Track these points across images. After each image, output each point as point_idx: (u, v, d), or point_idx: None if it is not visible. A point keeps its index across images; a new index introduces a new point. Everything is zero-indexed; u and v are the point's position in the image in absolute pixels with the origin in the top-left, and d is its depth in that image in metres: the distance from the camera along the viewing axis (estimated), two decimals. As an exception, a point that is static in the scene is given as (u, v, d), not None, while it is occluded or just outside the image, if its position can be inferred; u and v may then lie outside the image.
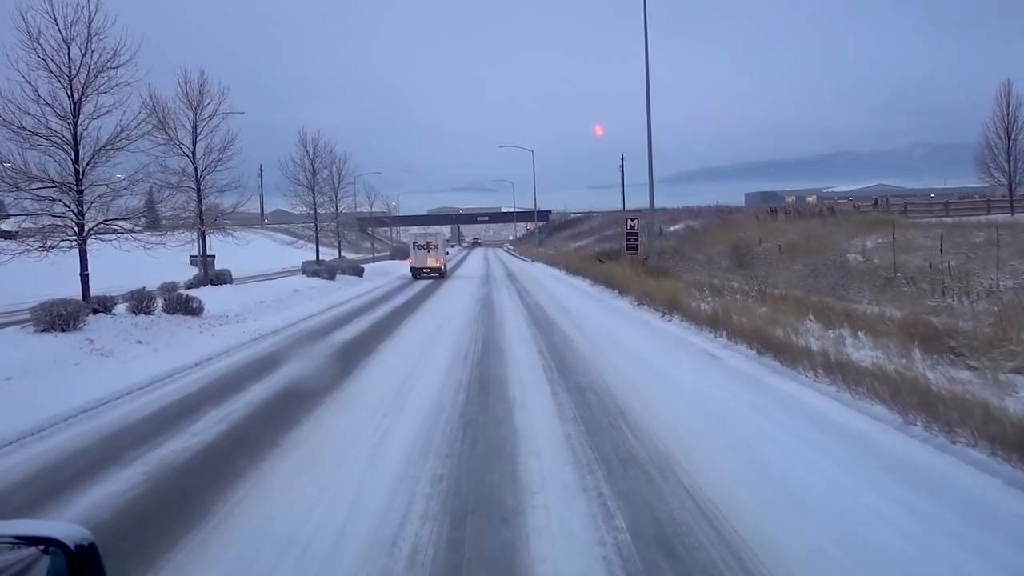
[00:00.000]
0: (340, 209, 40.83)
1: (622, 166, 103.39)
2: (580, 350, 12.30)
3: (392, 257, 67.03)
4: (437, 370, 10.60)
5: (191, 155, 21.71)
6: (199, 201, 21.79)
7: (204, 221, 21.84)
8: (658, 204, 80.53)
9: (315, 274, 29.07)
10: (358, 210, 41.80)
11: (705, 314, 14.24)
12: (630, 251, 26.17)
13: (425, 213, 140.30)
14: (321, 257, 39.66)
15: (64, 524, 1.57)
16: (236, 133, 22.15)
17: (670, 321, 15.74)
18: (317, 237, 31.00)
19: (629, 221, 26.10)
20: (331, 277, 29.02)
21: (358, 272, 32.88)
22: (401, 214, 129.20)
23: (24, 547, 1.46)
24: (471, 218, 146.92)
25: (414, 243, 37.34)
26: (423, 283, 30.86)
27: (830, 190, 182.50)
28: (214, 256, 60.02)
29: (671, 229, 48.24)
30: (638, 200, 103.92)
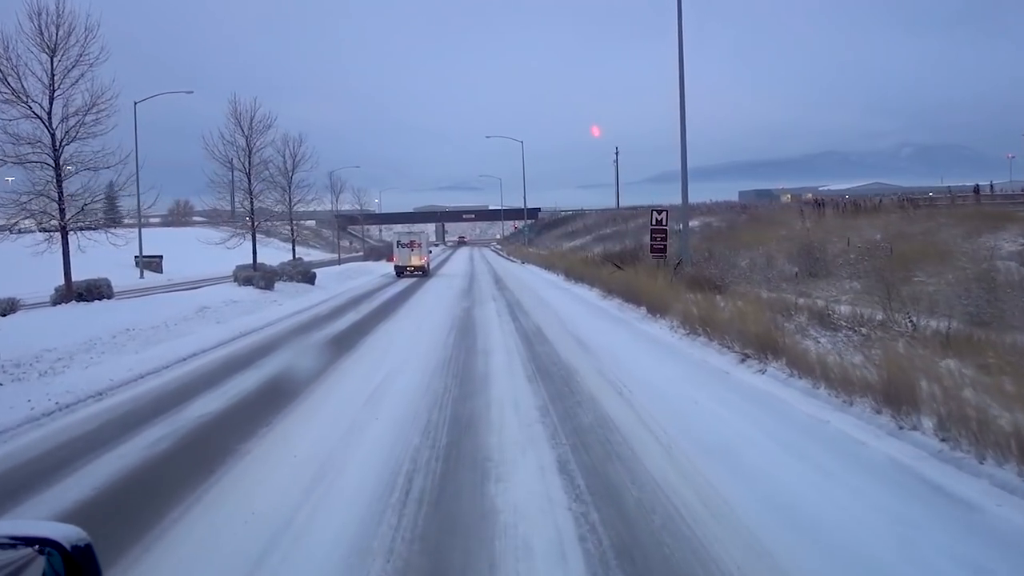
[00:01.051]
0: (298, 204, 34.39)
1: (616, 161, 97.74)
2: (645, 461, 6.05)
3: (366, 258, 60.47)
4: (329, 549, 4.32)
5: (46, 117, 15.27)
6: (58, 181, 15.35)
7: (65, 211, 15.40)
8: (650, 201, 74.44)
9: (248, 282, 22.66)
10: (311, 206, 35.18)
11: (847, 371, 8.01)
12: (656, 254, 19.99)
13: (411, 211, 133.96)
14: (272, 259, 33.22)
15: (60, 525, 1.53)
16: (109, 87, 15.72)
17: (763, 373, 9.54)
18: (254, 234, 24.57)
19: (655, 215, 19.94)
20: (268, 286, 22.61)
21: (308, 278, 26.45)
22: (385, 212, 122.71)
23: (20, 547, 1.43)
24: (456, 216, 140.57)
25: (398, 242, 36.70)
26: (384, 297, 24.40)
27: (825, 188, 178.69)
28: (161, 256, 53.65)
29: (682, 227, 42.14)
30: (630, 199, 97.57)
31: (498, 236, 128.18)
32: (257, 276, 22.94)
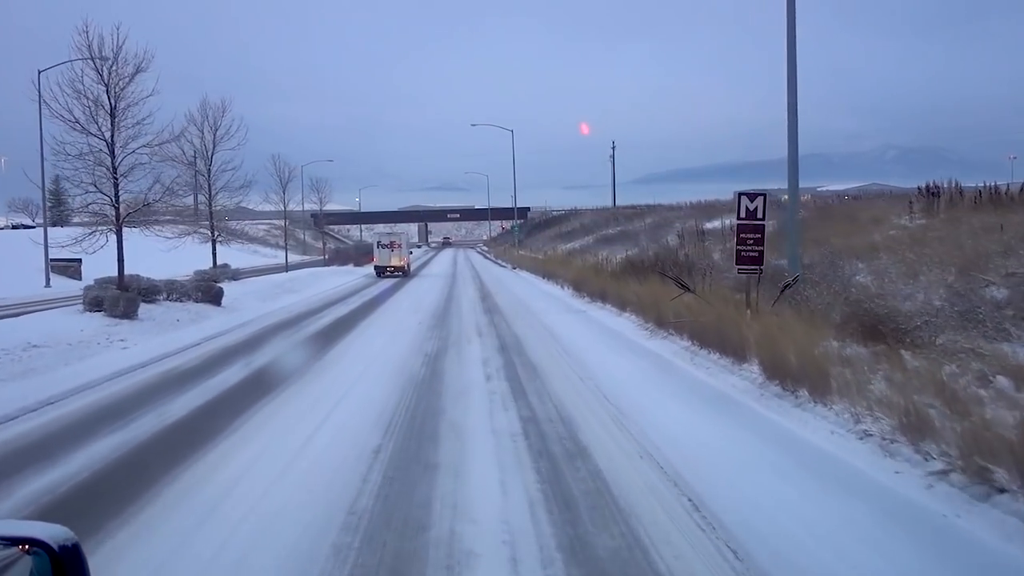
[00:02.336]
0: (220, 194, 26.35)
1: (612, 156, 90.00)
2: None
3: (331, 262, 52.08)
4: None
5: None
6: None
7: None
8: (644, 202, 65.77)
9: (97, 305, 14.59)
10: (236, 195, 26.97)
11: None
12: (746, 265, 12.08)
13: (394, 210, 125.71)
14: (206, 263, 25.17)
15: (48, 525, 1.48)
16: None
17: None
18: (120, 232, 16.19)
19: (747, 203, 11.97)
20: (125, 314, 14.50)
21: (211, 296, 18.31)
22: (366, 211, 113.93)
23: (6, 547, 1.40)
24: (441, 215, 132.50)
25: (378, 242, 35.99)
26: (314, 326, 15.86)
27: (823, 189, 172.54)
28: (79, 260, 44.58)
29: (709, 227, 34.87)
30: (620, 200, 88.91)
31: (484, 237, 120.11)
32: (115, 298, 14.83)
